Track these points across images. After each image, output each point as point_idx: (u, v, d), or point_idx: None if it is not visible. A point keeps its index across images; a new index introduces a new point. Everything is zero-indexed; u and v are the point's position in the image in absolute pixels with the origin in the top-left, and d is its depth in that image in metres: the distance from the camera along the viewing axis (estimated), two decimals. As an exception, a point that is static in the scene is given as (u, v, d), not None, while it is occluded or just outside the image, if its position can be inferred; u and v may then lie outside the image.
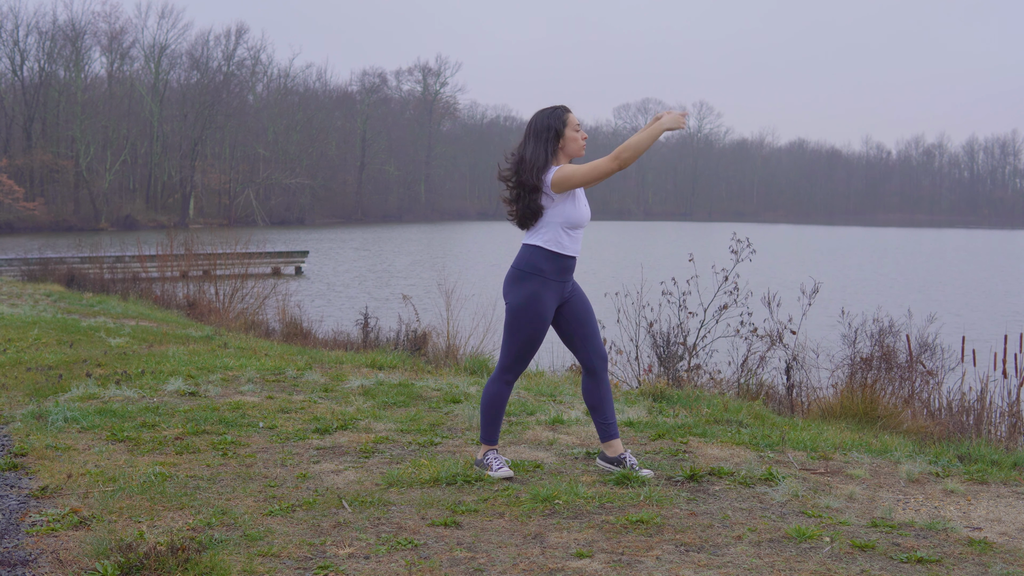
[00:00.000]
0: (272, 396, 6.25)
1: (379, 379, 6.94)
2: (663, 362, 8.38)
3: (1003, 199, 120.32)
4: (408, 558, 3.23)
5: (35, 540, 3.38)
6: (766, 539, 3.46)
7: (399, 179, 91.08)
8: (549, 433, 5.24)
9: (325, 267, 33.03)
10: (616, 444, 4.38)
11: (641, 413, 5.90)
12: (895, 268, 36.06)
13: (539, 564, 3.19)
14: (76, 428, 5.17)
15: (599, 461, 4.43)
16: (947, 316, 15.67)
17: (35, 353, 8.08)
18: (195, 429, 5.17)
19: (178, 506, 3.79)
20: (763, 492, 4.09)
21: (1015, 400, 6.85)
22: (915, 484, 4.34)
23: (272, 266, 29.45)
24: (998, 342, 7.74)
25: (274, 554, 3.24)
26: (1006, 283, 30.38)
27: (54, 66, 67.42)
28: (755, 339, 8.38)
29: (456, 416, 5.68)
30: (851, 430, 5.81)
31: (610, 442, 4.38)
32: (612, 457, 4.36)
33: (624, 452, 4.38)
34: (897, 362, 7.42)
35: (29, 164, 62.30)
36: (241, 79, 79.18)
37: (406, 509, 3.79)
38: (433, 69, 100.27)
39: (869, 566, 3.19)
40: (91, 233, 45.82)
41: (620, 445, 4.40)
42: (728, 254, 9.11)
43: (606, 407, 4.38)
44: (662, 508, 3.82)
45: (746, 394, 7.58)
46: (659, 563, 3.21)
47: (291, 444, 4.92)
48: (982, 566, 3.21)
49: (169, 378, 6.71)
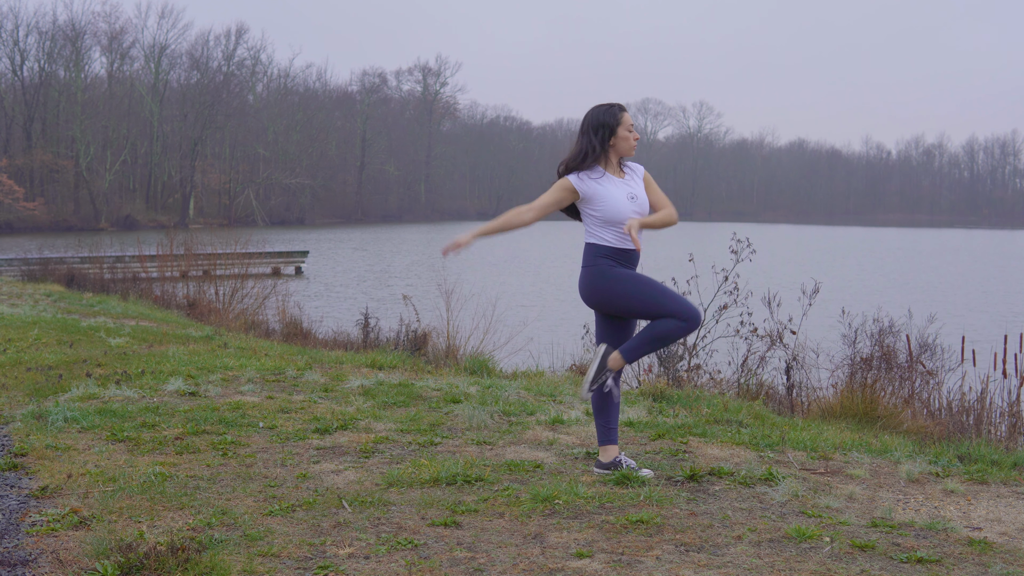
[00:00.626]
0: (272, 396, 6.25)
1: (379, 379, 6.94)
2: (663, 362, 8.38)
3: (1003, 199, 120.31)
4: (408, 558, 3.23)
5: (35, 540, 3.38)
6: (766, 539, 3.46)
7: (399, 179, 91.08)
8: (549, 433, 5.24)
9: (325, 267, 33.04)
10: (613, 449, 4.38)
11: (641, 413, 5.90)
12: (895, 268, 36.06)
13: (539, 564, 3.19)
14: (76, 428, 5.17)
15: (595, 469, 4.40)
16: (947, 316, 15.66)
17: (35, 353, 8.08)
18: (195, 429, 5.16)
19: (178, 506, 3.79)
20: (763, 492, 4.09)
21: (1015, 400, 6.85)
22: (915, 484, 4.34)
23: (272, 266, 29.45)
24: (998, 342, 7.74)
25: (274, 554, 3.24)
26: (1006, 283, 30.38)
27: (54, 66, 67.46)
28: (755, 339, 8.38)
29: (456, 416, 5.67)
30: (851, 430, 5.81)
31: (608, 447, 4.38)
32: (607, 462, 4.35)
33: (619, 455, 4.37)
34: (897, 362, 7.42)
35: (29, 164, 62.31)
36: (241, 79, 79.18)
37: (406, 509, 3.79)
38: (433, 69, 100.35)
39: (869, 566, 3.19)
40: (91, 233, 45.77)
41: (616, 450, 4.39)
42: (728, 254, 9.11)
43: (610, 411, 4.38)
44: (662, 508, 3.82)
45: (746, 394, 7.58)
46: (659, 563, 3.21)
47: (291, 444, 4.92)
48: (982, 566, 3.21)
49: (169, 378, 6.71)
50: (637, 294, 4.17)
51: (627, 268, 4.26)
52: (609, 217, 4.21)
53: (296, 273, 30.10)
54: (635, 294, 4.17)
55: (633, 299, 4.18)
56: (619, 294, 4.19)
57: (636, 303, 4.19)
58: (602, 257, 4.23)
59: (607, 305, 4.27)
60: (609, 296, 4.22)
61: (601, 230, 4.24)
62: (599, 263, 4.23)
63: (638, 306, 4.20)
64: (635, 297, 4.18)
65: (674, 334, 4.17)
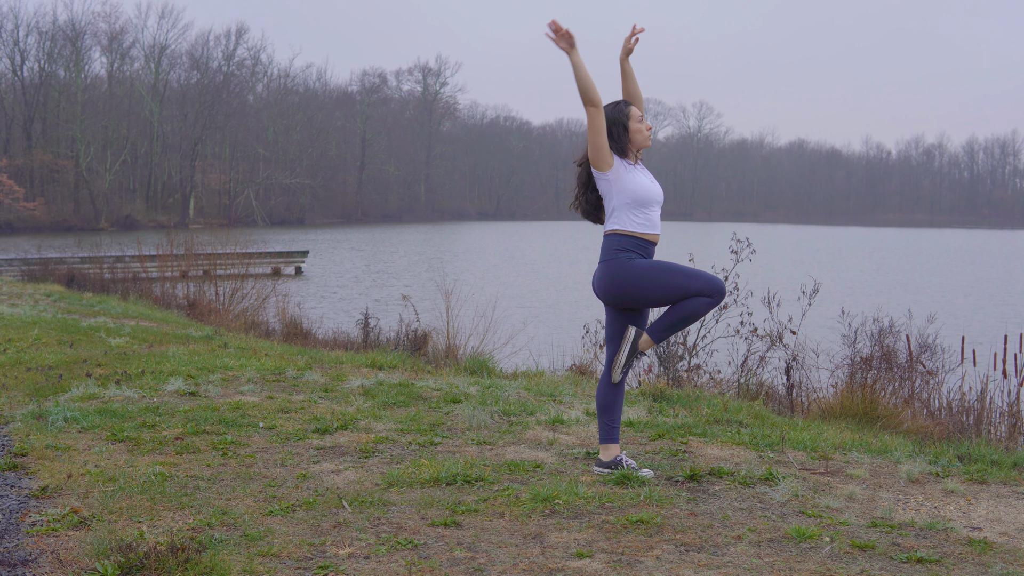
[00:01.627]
0: (272, 396, 6.25)
1: (379, 379, 6.94)
2: (663, 362, 8.38)
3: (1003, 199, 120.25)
4: (408, 558, 3.23)
5: (35, 540, 3.38)
6: (766, 539, 3.46)
7: (399, 179, 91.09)
8: (549, 433, 5.24)
9: (325, 267, 33.03)
10: (614, 448, 4.38)
11: (641, 413, 5.90)
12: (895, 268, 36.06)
13: (539, 564, 3.19)
14: (76, 428, 5.17)
15: (595, 468, 4.41)
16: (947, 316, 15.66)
17: (35, 353, 8.08)
18: (195, 429, 5.16)
19: (178, 506, 3.79)
20: (763, 492, 4.09)
21: (1015, 400, 6.85)
22: (915, 484, 4.34)
23: (272, 266, 29.45)
24: (998, 342, 7.74)
25: (274, 554, 3.24)
26: (1006, 283, 30.38)
27: (54, 66, 67.43)
28: (755, 339, 8.38)
29: (456, 416, 5.67)
30: (851, 430, 5.81)
31: (609, 445, 4.38)
32: (608, 461, 4.36)
33: (620, 455, 4.37)
34: (897, 362, 7.42)
35: (29, 164, 62.29)
36: (241, 79, 79.17)
37: (406, 509, 3.79)
38: (433, 69, 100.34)
39: (869, 566, 3.19)
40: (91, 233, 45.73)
41: (618, 449, 4.40)
42: (728, 254, 9.11)
43: (616, 409, 4.39)
44: (662, 508, 3.82)
45: (746, 394, 7.58)
46: (659, 563, 3.21)
47: (291, 444, 4.92)
48: (982, 566, 3.21)
49: (169, 378, 6.71)
50: (659, 283, 4.18)
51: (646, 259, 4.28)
52: (641, 196, 4.23)
53: (296, 273, 30.09)
54: (657, 284, 4.18)
55: (656, 289, 4.19)
56: (641, 287, 4.20)
57: (659, 292, 4.20)
58: (624, 251, 4.23)
59: (627, 299, 4.26)
60: (631, 290, 4.22)
61: (627, 213, 4.24)
62: (619, 257, 4.23)
63: (660, 295, 4.21)
64: (658, 286, 4.18)
65: (702, 310, 4.20)
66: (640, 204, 4.25)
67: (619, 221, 4.26)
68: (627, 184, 4.25)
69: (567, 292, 24.54)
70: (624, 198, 4.25)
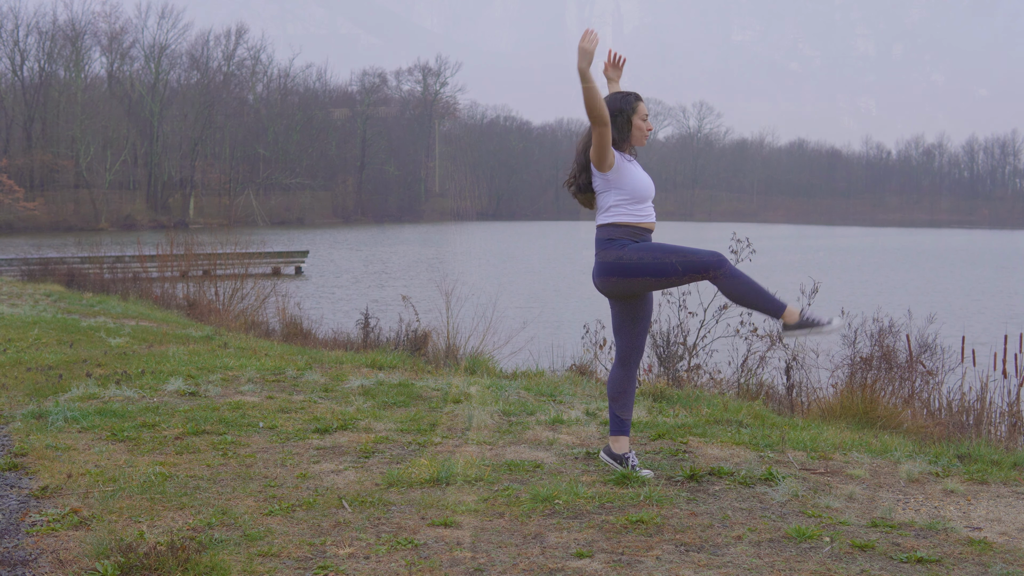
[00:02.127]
0: (272, 396, 6.25)
1: (379, 379, 6.94)
2: (663, 362, 8.38)
3: (1003, 199, 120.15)
4: (408, 558, 3.23)
5: (35, 540, 3.38)
6: (766, 539, 3.46)
7: (399, 179, 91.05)
8: (549, 433, 5.24)
9: (325, 267, 33.02)
10: (624, 442, 4.38)
11: (641, 413, 5.90)
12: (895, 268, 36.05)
13: (539, 564, 3.19)
14: (76, 428, 5.17)
15: (602, 454, 4.42)
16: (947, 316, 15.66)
17: (35, 353, 8.08)
18: (195, 429, 5.16)
19: (178, 506, 3.79)
20: (763, 492, 4.09)
21: (1015, 400, 6.85)
22: (915, 484, 4.34)
23: (272, 266, 29.45)
24: (998, 342, 7.74)
25: (274, 554, 3.24)
26: (1006, 283, 30.37)
27: (54, 66, 67.43)
28: (755, 339, 8.38)
29: (456, 416, 5.67)
30: (851, 430, 5.81)
31: (619, 438, 4.38)
32: (617, 454, 4.36)
33: (629, 452, 4.38)
34: (897, 362, 7.42)
35: (29, 164, 62.28)
36: (241, 79, 79.16)
37: (406, 509, 3.79)
38: (433, 69, 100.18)
39: (869, 566, 3.19)
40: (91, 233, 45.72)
41: (627, 444, 4.40)
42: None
43: (627, 400, 4.39)
44: (662, 508, 3.82)
45: (746, 394, 7.58)
46: (659, 563, 3.21)
47: (291, 444, 4.92)
48: (982, 566, 3.21)
49: (169, 378, 6.71)
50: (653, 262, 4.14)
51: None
52: (637, 192, 4.23)
53: (296, 273, 30.09)
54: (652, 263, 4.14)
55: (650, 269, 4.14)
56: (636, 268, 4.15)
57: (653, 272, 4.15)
58: (616, 239, 4.22)
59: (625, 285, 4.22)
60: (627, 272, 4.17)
61: (623, 208, 4.23)
62: (612, 245, 4.22)
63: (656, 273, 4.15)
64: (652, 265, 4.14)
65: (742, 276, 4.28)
66: (636, 200, 4.26)
67: (614, 214, 4.26)
68: (626, 182, 4.24)
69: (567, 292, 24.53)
70: (622, 195, 4.25)
